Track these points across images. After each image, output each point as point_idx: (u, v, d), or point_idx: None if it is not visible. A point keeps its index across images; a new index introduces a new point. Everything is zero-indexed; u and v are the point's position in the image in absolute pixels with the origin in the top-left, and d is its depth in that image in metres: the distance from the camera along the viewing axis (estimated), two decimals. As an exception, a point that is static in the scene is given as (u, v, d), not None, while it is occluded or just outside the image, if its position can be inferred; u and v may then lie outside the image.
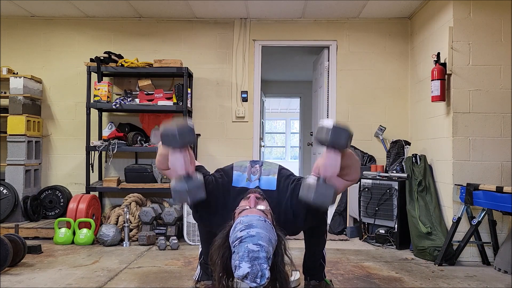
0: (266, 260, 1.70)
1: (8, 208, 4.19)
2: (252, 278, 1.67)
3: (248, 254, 1.69)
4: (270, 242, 1.77)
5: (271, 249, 1.76)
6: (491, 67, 3.57)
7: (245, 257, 1.69)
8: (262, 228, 1.79)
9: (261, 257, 1.69)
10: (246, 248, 1.71)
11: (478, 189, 3.21)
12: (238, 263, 1.70)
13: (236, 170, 2.20)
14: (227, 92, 4.82)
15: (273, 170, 2.19)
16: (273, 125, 14.81)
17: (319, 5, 4.39)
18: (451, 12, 3.62)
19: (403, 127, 4.72)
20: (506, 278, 3.01)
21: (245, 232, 1.76)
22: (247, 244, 1.72)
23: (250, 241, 1.72)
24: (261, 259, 1.68)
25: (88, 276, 2.89)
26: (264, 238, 1.75)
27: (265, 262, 1.69)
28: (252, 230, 1.76)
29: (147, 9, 4.56)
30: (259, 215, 1.87)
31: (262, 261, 1.68)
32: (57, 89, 4.82)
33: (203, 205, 2.03)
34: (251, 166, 2.22)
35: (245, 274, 1.67)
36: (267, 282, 1.69)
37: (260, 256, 1.69)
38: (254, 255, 1.69)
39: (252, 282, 1.67)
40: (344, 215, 4.50)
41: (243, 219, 1.84)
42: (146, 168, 4.37)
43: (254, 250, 1.70)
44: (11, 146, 4.33)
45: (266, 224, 1.83)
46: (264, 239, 1.74)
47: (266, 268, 1.68)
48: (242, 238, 1.75)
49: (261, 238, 1.74)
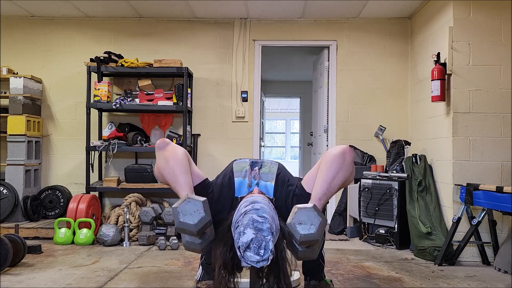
0: (270, 233, 1.67)
1: (8, 208, 4.19)
2: (255, 248, 1.63)
3: (252, 223, 1.67)
4: (273, 220, 1.75)
5: (274, 226, 1.73)
6: (491, 67, 3.57)
7: (249, 225, 1.67)
8: (266, 205, 1.80)
9: (265, 229, 1.66)
10: (251, 218, 1.69)
11: (478, 189, 3.21)
12: (243, 229, 1.67)
13: (237, 176, 2.16)
14: (227, 92, 4.82)
15: (271, 175, 2.16)
16: (273, 125, 14.81)
17: (319, 5, 4.39)
18: (451, 12, 3.62)
19: (403, 127, 4.72)
20: (506, 278, 3.01)
21: (249, 206, 1.77)
22: (251, 215, 1.70)
23: (255, 212, 1.72)
24: (265, 231, 1.66)
25: (88, 276, 2.89)
26: (268, 213, 1.75)
27: (269, 235, 1.66)
28: (256, 205, 1.77)
29: (147, 9, 4.56)
30: (263, 197, 1.91)
31: (266, 234, 1.66)
32: (57, 89, 4.82)
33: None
34: (251, 169, 2.20)
35: (249, 242, 1.63)
36: (269, 258, 1.65)
37: (264, 228, 1.67)
38: (258, 225, 1.66)
39: (255, 253, 1.63)
40: (344, 215, 4.50)
41: (248, 199, 1.87)
42: (146, 168, 4.37)
43: (259, 221, 1.68)
44: (11, 146, 4.33)
45: (270, 206, 1.85)
46: (268, 214, 1.74)
47: (270, 240, 1.65)
48: (246, 211, 1.74)
49: (265, 212, 1.74)
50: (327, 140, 4.91)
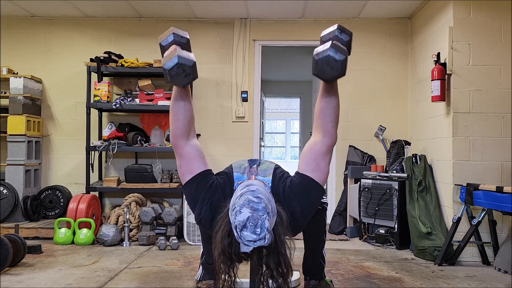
0: (265, 212, 1.68)
1: (8, 208, 4.19)
2: (252, 227, 1.63)
3: (248, 203, 1.69)
4: (269, 201, 1.76)
5: (270, 207, 1.73)
6: (491, 67, 3.57)
7: (245, 204, 1.68)
8: (262, 188, 1.83)
9: (260, 209, 1.68)
10: (247, 198, 1.71)
11: (478, 189, 3.21)
12: (239, 209, 1.68)
13: (236, 172, 2.18)
14: (227, 92, 4.82)
15: (269, 171, 2.17)
16: (273, 125, 14.82)
17: (319, 5, 4.39)
18: (451, 12, 3.62)
19: (403, 127, 4.72)
20: (506, 278, 3.01)
21: (245, 189, 1.79)
22: (247, 196, 1.72)
23: (250, 194, 1.73)
24: (260, 211, 1.67)
25: (88, 276, 2.89)
26: (264, 194, 1.76)
27: (265, 214, 1.67)
28: (252, 187, 1.79)
29: (147, 9, 4.56)
30: (258, 181, 1.94)
31: (261, 213, 1.67)
32: (57, 89, 4.82)
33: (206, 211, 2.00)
34: (249, 166, 2.21)
35: (245, 220, 1.64)
36: (267, 236, 1.65)
37: (260, 208, 1.68)
38: (254, 205, 1.68)
39: (252, 232, 1.63)
40: (344, 215, 4.50)
41: (244, 183, 1.90)
42: (146, 168, 4.37)
43: (255, 201, 1.69)
44: (11, 146, 4.33)
45: (266, 189, 1.88)
46: (263, 195, 1.75)
47: (266, 219, 1.66)
48: (242, 193, 1.76)
49: (261, 193, 1.75)
50: (327, 140, 4.89)
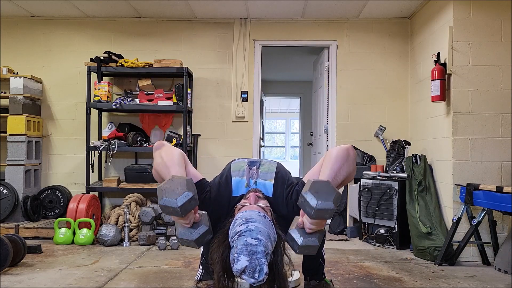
0: (264, 255, 1.69)
1: (8, 208, 4.19)
2: (250, 273, 1.65)
3: (246, 247, 1.68)
4: (269, 237, 1.76)
5: (269, 245, 1.74)
6: (491, 67, 3.57)
7: (243, 250, 1.68)
8: (261, 223, 1.79)
9: (259, 252, 1.68)
10: (245, 242, 1.70)
11: (478, 189, 3.21)
12: (237, 256, 1.69)
13: (235, 175, 2.16)
14: (227, 92, 4.82)
15: (270, 174, 2.15)
16: (273, 125, 14.82)
17: (319, 5, 4.39)
18: (451, 12, 3.62)
19: (403, 127, 4.72)
20: (506, 278, 3.01)
21: (244, 226, 1.76)
22: (245, 238, 1.71)
23: (248, 235, 1.72)
24: (259, 254, 1.67)
25: (88, 276, 2.89)
26: (263, 233, 1.75)
27: (263, 257, 1.68)
28: (251, 225, 1.76)
29: (147, 9, 4.56)
30: (258, 211, 1.88)
31: (260, 256, 1.67)
32: (57, 89, 4.82)
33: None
34: (249, 168, 2.19)
35: (243, 268, 1.65)
36: (265, 278, 1.68)
37: (258, 251, 1.68)
38: (252, 249, 1.68)
39: (250, 277, 1.65)
40: (344, 215, 4.50)
41: (243, 214, 1.84)
42: (146, 168, 4.37)
43: (253, 244, 1.69)
44: (11, 146, 4.33)
45: (266, 220, 1.84)
46: (263, 234, 1.74)
47: (264, 263, 1.67)
48: (241, 232, 1.74)
49: (260, 233, 1.73)
50: (327, 140, 4.91)
